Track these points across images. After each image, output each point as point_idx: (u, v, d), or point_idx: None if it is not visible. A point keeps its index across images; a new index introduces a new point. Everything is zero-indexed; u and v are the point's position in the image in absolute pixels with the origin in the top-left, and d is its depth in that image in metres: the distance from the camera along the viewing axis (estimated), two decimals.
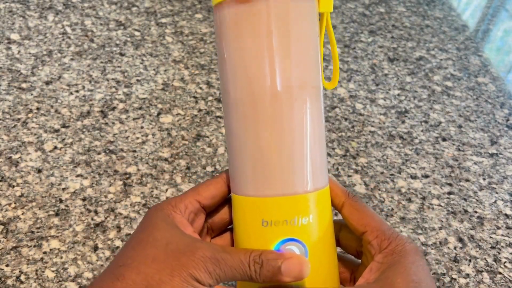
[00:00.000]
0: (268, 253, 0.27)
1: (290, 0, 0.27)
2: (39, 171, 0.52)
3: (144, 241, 0.28)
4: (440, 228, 0.50)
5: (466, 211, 0.52)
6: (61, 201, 0.49)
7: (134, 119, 0.60)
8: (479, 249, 0.48)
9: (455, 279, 0.45)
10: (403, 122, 0.64)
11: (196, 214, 0.31)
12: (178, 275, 0.26)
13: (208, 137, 0.58)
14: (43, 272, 0.43)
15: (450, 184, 0.55)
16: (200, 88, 0.66)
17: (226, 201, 0.33)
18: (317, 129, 0.29)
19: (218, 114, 0.62)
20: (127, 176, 0.52)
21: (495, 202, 0.54)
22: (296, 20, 0.27)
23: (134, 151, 0.56)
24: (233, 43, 0.28)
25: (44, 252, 0.44)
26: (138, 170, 0.53)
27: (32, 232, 0.46)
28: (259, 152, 0.28)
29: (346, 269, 0.33)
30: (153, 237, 0.28)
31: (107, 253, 0.45)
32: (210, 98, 0.64)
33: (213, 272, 0.26)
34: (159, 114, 0.61)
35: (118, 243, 0.46)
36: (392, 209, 0.51)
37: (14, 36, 0.72)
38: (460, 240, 0.49)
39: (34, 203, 0.48)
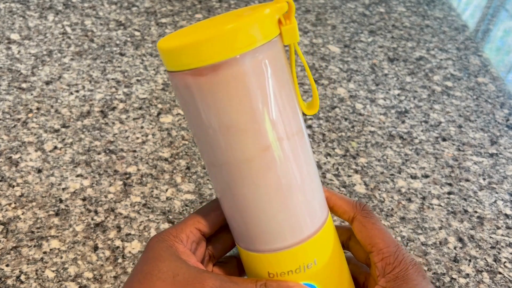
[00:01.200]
0: (273, 282, 0.27)
1: (255, 58, 0.24)
2: (39, 171, 0.52)
3: (150, 274, 0.27)
4: (440, 228, 0.50)
5: (466, 211, 0.52)
6: (61, 201, 0.49)
7: (134, 119, 0.60)
8: (479, 249, 0.48)
9: (455, 279, 0.45)
10: (403, 122, 0.64)
11: (197, 243, 0.31)
12: None
13: None
14: (43, 272, 0.43)
15: (450, 184, 0.55)
16: None
17: (226, 225, 0.32)
18: (309, 171, 0.28)
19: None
20: (127, 176, 0.52)
21: (495, 202, 0.54)
22: (268, 75, 0.25)
23: (134, 151, 0.56)
24: (205, 112, 0.25)
25: (44, 252, 0.44)
26: (138, 170, 0.53)
27: (32, 232, 0.46)
28: (252, 212, 0.27)
29: (359, 274, 0.33)
30: (159, 269, 0.27)
31: (107, 253, 0.45)
32: None
33: None
34: (159, 114, 0.61)
35: (118, 243, 0.46)
36: (392, 209, 0.51)
37: (14, 36, 0.72)
38: (460, 240, 0.49)
39: (34, 203, 0.48)
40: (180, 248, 0.29)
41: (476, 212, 0.53)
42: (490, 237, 0.50)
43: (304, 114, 0.32)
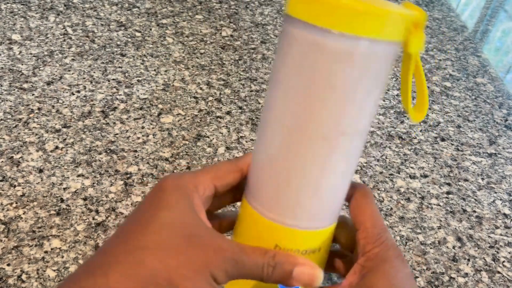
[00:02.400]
0: (282, 256, 0.27)
1: (374, 47, 0.24)
2: (41, 171, 0.52)
3: (163, 222, 0.25)
4: (439, 228, 0.50)
5: (464, 210, 0.53)
6: (62, 200, 0.49)
7: (135, 119, 0.60)
8: (478, 248, 0.48)
9: (454, 278, 0.45)
10: (402, 122, 0.64)
11: (209, 199, 0.29)
12: (202, 274, 0.24)
13: (208, 137, 0.59)
14: (44, 271, 0.43)
15: (449, 184, 0.56)
16: (201, 88, 0.66)
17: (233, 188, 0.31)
18: (352, 172, 0.29)
19: (218, 114, 0.62)
20: (128, 175, 0.53)
21: (493, 201, 0.54)
22: (375, 71, 0.25)
23: (135, 151, 0.56)
24: (315, 75, 0.24)
25: (45, 252, 0.44)
26: (139, 170, 0.54)
27: (34, 231, 0.46)
28: (299, 184, 0.26)
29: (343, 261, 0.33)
30: (174, 219, 0.25)
31: None
32: (210, 98, 0.65)
33: (230, 273, 0.25)
34: (159, 114, 0.61)
35: None
36: (391, 208, 0.52)
37: (16, 37, 0.72)
38: (459, 239, 0.49)
39: (35, 203, 0.49)
40: (195, 200, 0.27)
41: (474, 211, 0.53)
42: (489, 236, 0.50)
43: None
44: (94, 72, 0.67)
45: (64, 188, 0.51)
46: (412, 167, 0.57)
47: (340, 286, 0.29)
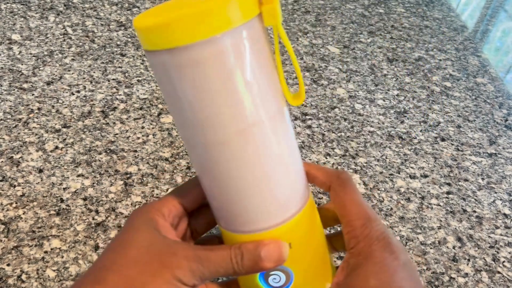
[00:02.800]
0: (247, 244, 0.27)
1: (231, 39, 0.23)
2: (40, 171, 0.52)
3: (125, 243, 0.27)
4: (439, 228, 0.50)
5: (465, 210, 0.53)
6: (62, 200, 0.49)
7: (135, 119, 0.60)
8: (478, 248, 0.48)
9: (454, 278, 0.45)
10: (402, 122, 0.64)
11: (180, 217, 0.31)
12: (161, 276, 0.26)
13: None
14: (44, 271, 0.43)
15: (449, 184, 0.56)
16: None
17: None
18: (286, 156, 0.27)
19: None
20: (128, 176, 0.53)
21: (493, 201, 0.54)
22: (245, 57, 0.24)
23: (135, 151, 0.56)
24: (181, 92, 0.25)
25: (45, 252, 0.44)
26: (139, 170, 0.54)
27: (33, 231, 0.46)
28: (228, 194, 0.27)
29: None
30: (134, 239, 0.27)
31: None
32: None
33: (196, 271, 0.26)
34: (159, 114, 0.61)
35: None
36: (391, 208, 0.52)
37: (15, 37, 0.72)
38: (459, 239, 0.49)
39: (35, 203, 0.49)
40: (160, 221, 0.29)
41: (475, 211, 0.53)
42: (489, 236, 0.50)
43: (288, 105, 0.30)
44: (94, 72, 0.67)
45: (64, 188, 0.51)
46: (412, 167, 0.57)
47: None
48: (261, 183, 0.27)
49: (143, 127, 0.59)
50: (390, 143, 0.61)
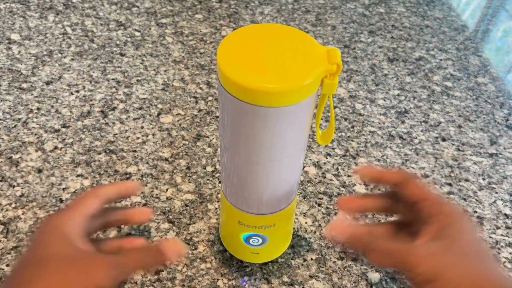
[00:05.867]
0: (151, 246, 0.33)
1: (311, 99, 0.31)
2: (40, 171, 0.52)
3: (44, 257, 0.29)
4: None
5: (465, 211, 0.52)
6: (61, 201, 0.49)
7: (134, 119, 0.60)
8: None
9: None
10: (403, 122, 0.64)
11: (82, 225, 0.33)
12: (81, 284, 0.28)
13: (208, 137, 0.59)
14: None
15: (449, 184, 0.56)
16: (200, 88, 0.66)
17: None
18: (298, 173, 0.39)
19: (218, 114, 0.62)
20: (128, 176, 0.53)
21: (494, 202, 0.54)
22: (310, 111, 0.33)
23: (135, 151, 0.56)
24: (251, 130, 0.32)
25: None
26: (139, 170, 0.53)
27: (33, 232, 0.46)
28: (254, 191, 0.37)
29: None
30: (53, 252, 0.30)
31: None
32: (210, 98, 0.65)
33: (114, 276, 0.29)
34: (159, 114, 0.61)
35: None
36: None
37: (15, 36, 0.72)
38: None
39: (34, 203, 0.49)
40: (72, 233, 0.31)
41: (475, 212, 0.53)
42: (490, 237, 0.50)
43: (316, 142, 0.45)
44: (93, 72, 0.67)
45: (63, 188, 0.50)
46: (413, 167, 0.57)
47: (412, 246, 0.31)
48: (278, 187, 0.37)
49: (142, 127, 0.59)
50: (390, 143, 0.60)
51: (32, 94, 0.62)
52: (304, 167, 0.56)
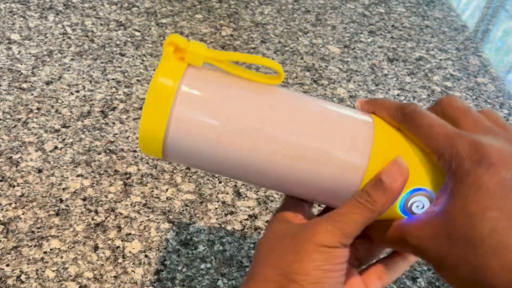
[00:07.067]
0: (367, 183, 0.27)
1: None
2: (40, 171, 0.52)
3: (263, 240, 0.29)
4: None
5: None
6: (61, 201, 0.49)
7: (134, 119, 0.60)
8: None
9: None
10: None
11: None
12: (303, 249, 0.26)
13: None
14: (43, 272, 0.43)
15: None
16: None
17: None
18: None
19: None
20: (128, 176, 0.53)
21: None
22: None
23: (135, 151, 0.56)
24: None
25: (45, 252, 0.44)
26: (139, 170, 0.53)
27: (33, 232, 0.46)
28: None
29: None
30: (271, 232, 0.29)
31: (108, 253, 0.45)
32: None
33: (334, 230, 0.26)
34: None
35: (118, 243, 0.46)
36: None
37: (15, 36, 0.72)
38: None
39: (34, 203, 0.49)
40: (290, 216, 0.30)
41: None
42: None
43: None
44: (93, 72, 0.67)
45: (63, 189, 0.50)
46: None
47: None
48: None
49: None
50: None
51: (32, 94, 0.62)
52: None
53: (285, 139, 0.27)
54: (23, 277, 0.42)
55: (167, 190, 0.51)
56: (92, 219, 0.48)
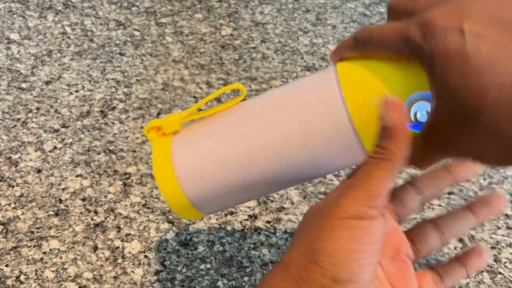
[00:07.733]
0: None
1: None
2: (39, 171, 0.52)
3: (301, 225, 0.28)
4: None
5: None
6: (61, 201, 0.49)
7: (134, 119, 0.60)
8: None
9: None
10: None
11: None
12: (326, 226, 0.24)
13: None
14: (43, 272, 0.43)
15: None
16: (200, 88, 0.66)
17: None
18: None
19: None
20: (127, 176, 0.52)
21: None
22: None
23: (134, 151, 0.56)
24: None
25: (44, 252, 0.44)
26: (138, 170, 0.53)
27: (32, 232, 0.46)
28: None
29: None
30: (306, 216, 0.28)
31: (107, 253, 0.45)
32: None
33: (357, 194, 0.24)
34: (159, 114, 0.61)
35: (118, 243, 0.46)
36: None
37: (14, 36, 0.72)
38: (461, 240, 0.49)
39: (34, 203, 0.48)
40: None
41: None
42: (491, 237, 0.50)
43: None
44: (93, 72, 0.67)
45: (62, 189, 0.50)
46: (413, 167, 0.57)
47: None
48: None
49: (142, 127, 0.59)
50: None
51: (31, 94, 0.62)
52: None
53: (272, 139, 0.30)
54: (22, 278, 0.42)
55: None
56: (92, 219, 0.47)
